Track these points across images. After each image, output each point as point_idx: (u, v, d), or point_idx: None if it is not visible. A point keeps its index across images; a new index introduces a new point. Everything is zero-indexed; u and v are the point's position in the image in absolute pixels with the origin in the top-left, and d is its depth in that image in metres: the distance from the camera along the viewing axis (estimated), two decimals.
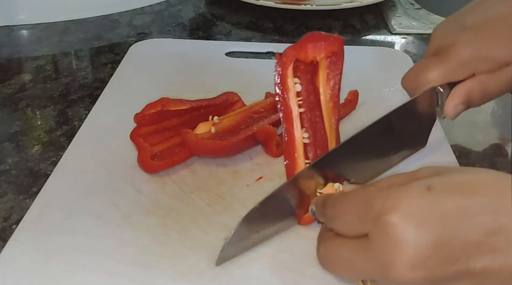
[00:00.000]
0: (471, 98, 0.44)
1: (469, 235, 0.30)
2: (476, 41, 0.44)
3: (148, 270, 0.37)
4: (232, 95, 0.52)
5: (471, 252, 0.30)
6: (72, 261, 0.37)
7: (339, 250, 0.33)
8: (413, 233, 0.30)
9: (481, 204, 0.31)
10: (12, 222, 0.42)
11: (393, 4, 0.86)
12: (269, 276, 0.37)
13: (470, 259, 0.30)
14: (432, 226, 0.30)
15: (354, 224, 0.33)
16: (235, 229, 0.37)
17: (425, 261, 0.30)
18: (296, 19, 0.81)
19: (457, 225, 0.30)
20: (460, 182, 0.32)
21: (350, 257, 0.33)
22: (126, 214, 0.41)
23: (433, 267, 0.30)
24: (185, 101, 0.48)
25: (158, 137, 0.47)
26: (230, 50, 0.68)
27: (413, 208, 0.31)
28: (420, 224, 0.30)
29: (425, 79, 0.44)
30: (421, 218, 0.30)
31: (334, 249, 0.34)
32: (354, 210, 0.33)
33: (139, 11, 0.83)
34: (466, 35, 0.44)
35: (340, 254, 0.33)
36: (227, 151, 0.47)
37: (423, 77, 0.44)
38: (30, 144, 0.52)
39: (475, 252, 0.30)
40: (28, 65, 0.67)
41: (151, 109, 0.46)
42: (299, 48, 0.43)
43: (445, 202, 0.31)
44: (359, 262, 0.32)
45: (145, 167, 0.45)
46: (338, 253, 0.33)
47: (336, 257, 0.34)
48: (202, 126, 0.46)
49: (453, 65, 0.44)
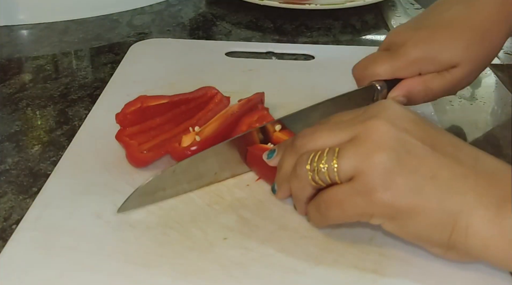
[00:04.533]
0: (412, 94, 0.48)
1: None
2: (426, 42, 0.46)
3: (148, 270, 0.37)
4: (210, 89, 0.52)
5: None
6: (72, 260, 0.37)
7: (329, 197, 0.36)
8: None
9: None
10: (12, 222, 0.42)
11: (393, 4, 0.86)
12: (269, 276, 0.37)
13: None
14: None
15: (336, 132, 0.36)
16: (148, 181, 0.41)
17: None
18: (296, 19, 0.81)
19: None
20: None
21: (341, 198, 0.35)
22: (126, 214, 0.41)
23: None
24: (164, 96, 0.49)
25: (143, 136, 0.48)
26: (230, 50, 0.68)
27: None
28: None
29: (373, 71, 0.48)
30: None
31: (326, 198, 0.36)
32: (331, 124, 0.37)
33: (139, 11, 0.83)
34: (417, 36, 0.47)
35: (331, 200, 0.35)
36: None
37: (371, 70, 0.48)
38: (30, 144, 0.52)
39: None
40: (28, 65, 0.67)
41: (131, 107, 0.47)
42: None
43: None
44: (350, 196, 0.34)
45: (135, 160, 0.46)
46: (329, 199, 0.36)
47: (328, 204, 0.36)
48: (186, 138, 0.47)
49: (401, 63, 0.47)
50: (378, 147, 0.34)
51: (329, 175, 0.35)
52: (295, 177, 0.37)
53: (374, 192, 0.33)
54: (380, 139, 0.34)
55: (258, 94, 0.52)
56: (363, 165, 0.34)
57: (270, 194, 0.43)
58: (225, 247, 0.39)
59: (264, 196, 0.43)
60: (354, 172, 0.34)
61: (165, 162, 0.47)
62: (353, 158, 0.34)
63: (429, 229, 0.34)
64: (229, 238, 0.40)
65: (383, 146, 0.34)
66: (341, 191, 0.35)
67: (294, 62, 0.67)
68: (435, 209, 0.33)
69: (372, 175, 0.33)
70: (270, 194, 0.43)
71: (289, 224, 0.41)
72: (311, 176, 0.36)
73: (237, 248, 0.39)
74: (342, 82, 0.61)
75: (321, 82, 0.61)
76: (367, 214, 0.35)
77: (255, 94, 0.52)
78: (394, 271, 0.37)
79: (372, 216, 0.35)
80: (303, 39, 0.75)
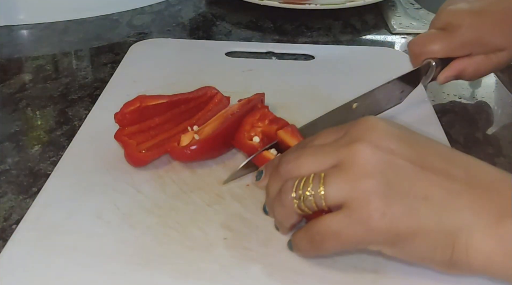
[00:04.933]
0: (463, 73, 0.54)
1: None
2: (480, 27, 0.51)
3: (148, 270, 0.37)
4: (210, 89, 0.52)
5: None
6: (72, 261, 0.37)
7: (323, 228, 0.34)
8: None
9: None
10: (12, 222, 0.42)
11: (393, 4, 0.86)
12: (269, 276, 0.37)
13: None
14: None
15: (320, 157, 0.35)
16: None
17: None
18: (296, 19, 0.81)
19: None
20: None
21: (337, 228, 0.33)
22: (126, 214, 0.41)
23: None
24: (163, 96, 0.49)
25: (142, 136, 0.48)
26: (230, 50, 0.68)
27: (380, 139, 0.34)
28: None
29: (430, 49, 0.52)
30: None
31: (319, 229, 0.34)
32: (315, 148, 0.36)
33: (139, 11, 0.83)
34: (473, 19, 0.51)
35: (326, 232, 0.34)
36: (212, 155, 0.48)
37: (430, 47, 0.52)
38: (30, 144, 0.52)
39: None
40: (28, 65, 0.67)
41: (129, 107, 0.47)
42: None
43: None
44: (346, 225, 0.33)
45: (133, 160, 0.46)
46: (324, 231, 0.34)
47: (323, 236, 0.34)
48: (185, 137, 0.47)
49: (456, 44, 0.52)
50: (366, 173, 0.33)
51: (316, 202, 0.34)
52: (280, 204, 0.36)
53: (370, 220, 0.32)
54: (366, 164, 0.33)
55: (258, 95, 0.52)
56: (353, 192, 0.32)
57: None
58: (225, 247, 0.39)
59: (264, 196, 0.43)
60: (343, 199, 0.33)
61: (164, 162, 0.47)
62: (340, 184, 0.33)
63: (430, 251, 0.33)
64: (229, 238, 0.40)
65: (370, 171, 0.32)
66: (335, 221, 0.33)
67: (294, 62, 0.67)
68: (432, 230, 0.32)
69: (365, 201, 0.32)
70: None
71: None
72: (297, 204, 0.34)
73: (237, 248, 0.39)
74: (342, 82, 0.61)
75: (321, 82, 0.61)
76: (365, 242, 0.34)
77: (255, 95, 0.52)
78: (394, 271, 0.37)
79: (370, 243, 0.34)
80: (303, 39, 0.75)
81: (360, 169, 0.33)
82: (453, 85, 0.62)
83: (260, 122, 0.48)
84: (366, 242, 0.34)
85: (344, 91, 0.59)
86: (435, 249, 0.33)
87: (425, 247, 0.33)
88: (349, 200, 0.33)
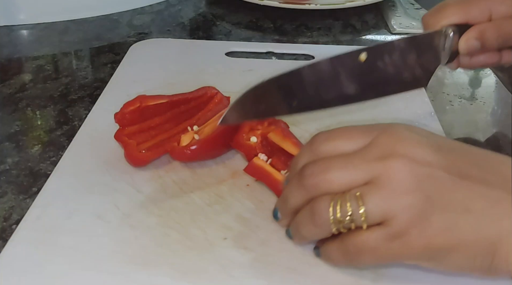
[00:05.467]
0: (485, 36, 0.46)
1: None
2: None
3: (148, 270, 0.37)
4: (210, 89, 0.52)
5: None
6: (72, 261, 0.37)
7: (361, 243, 0.33)
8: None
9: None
10: (12, 222, 0.42)
11: (393, 4, 0.86)
12: (269, 276, 0.37)
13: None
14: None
15: (351, 171, 0.33)
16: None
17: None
18: (296, 19, 0.81)
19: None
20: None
21: (375, 244, 0.33)
22: (126, 214, 0.41)
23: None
24: (163, 96, 0.49)
25: (142, 136, 0.48)
26: (230, 50, 0.68)
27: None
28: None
29: (444, 15, 0.46)
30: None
31: (356, 243, 0.33)
32: (343, 160, 0.34)
33: (139, 11, 0.83)
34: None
35: (363, 247, 0.33)
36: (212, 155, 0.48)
37: (442, 13, 0.46)
38: (30, 144, 0.52)
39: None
40: (28, 65, 0.67)
41: (129, 107, 0.47)
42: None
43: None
44: (384, 242, 0.32)
45: (133, 160, 0.46)
46: (361, 246, 0.33)
47: (360, 250, 0.33)
48: (185, 137, 0.47)
49: (472, 4, 0.46)
50: (404, 190, 0.32)
51: (355, 223, 0.33)
52: (313, 224, 0.34)
53: (409, 236, 0.32)
54: (403, 180, 0.32)
55: None
56: (393, 209, 0.32)
57: (270, 194, 0.43)
58: (225, 247, 0.39)
59: (264, 196, 0.43)
60: (383, 216, 0.32)
61: (164, 161, 0.47)
62: (381, 203, 0.32)
63: (469, 261, 0.32)
64: (229, 238, 0.40)
65: (408, 188, 0.32)
66: (373, 237, 0.33)
67: (294, 62, 0.67)
68: (473, 242, 0.32)
69: (404, 219, 0.32)
70: (270, 194, 0.43)
71: None
72: (335, 227, 0.33)
73: (237, 248, 0.39)
74: None
75: None
76: (403, 257, 0.33)
77: None
78: (394, 271, 0.37)
79: (408, 259, 0.33)
80: (303, 39, 0.75)
81: (397, 186, 0.32)
82: (453, 85, 0.62)
83: (259, 125, 0.48)
84: (404, 258, 0.33)
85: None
86: (474, 259, 0.32)
87: (464, 258, 0.32)
88: (389, 216, 0.32)
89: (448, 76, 0.64)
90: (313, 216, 0.34)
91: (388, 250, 0.32)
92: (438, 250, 0.32)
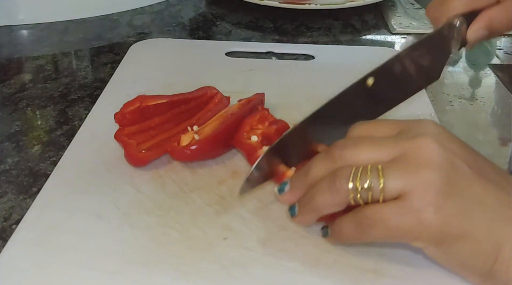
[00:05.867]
0: (494, 23, 0.44)
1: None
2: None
3: (148, 270, 0.37)
4: (210, 89, 0.52)
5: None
6: (72, 260, 0.37)
7: (374, 214, 0.33)
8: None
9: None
10: (12, 222, 0.42)
11: (393, 4, 0.86)
12: (269, 276, 0.37)
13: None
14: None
15: (380, 147, 0.34)
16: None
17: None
18: (296, 19, 0.81)
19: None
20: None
21: (387, 216, 0.33)
22: (126, 214, 0.41)
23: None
24: (163, 96, 0.49)
25: (142, 136, 0.48)
26: (230, 50, 0.68)
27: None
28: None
29: (448, 5, 0.44)
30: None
31: (369, 214, 0.33)
32: (374, 139, 0.35)
33: (139, 11, 0.83)
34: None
35: (376, 218, 0.33)
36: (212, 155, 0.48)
37: (447, 4, 0.44)
38: (30, 144, 0.52)
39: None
40: (28, 65, 0.67)
41: (129, 107, 0.47)
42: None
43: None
44: (397, 214, 0.33)
45: (133, 159, 0.46)
46: (374, 217, 0.33)
47: (372, 221, 0.33)
48: (185, 137, 0.47)
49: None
50: (429, 165, 0.32)
51: (372, 194, 0.33)
52: (331, 191, 0.34)
53: (424, 212, 0.32)
54: (430, 157, 0.32)
55: (258, 95, 0.52)
56: (412, 183, 0.32)
57: (270, 194, 0.43)
58: (225, 247, 0.39)
59: (264, 196, 0.43)
60: (401, 190, 0.32)
61: (164, 162, 0.47)
62: (401, 176, 0.32)
63: (473, 257, 0.33)
64: (229, 238, 0.40)
65: (433, 164, 0.32)
66: (387, 209, 0.33)
67: (294, 62, 0.67)
68: (482, 235, 0.32)
69: (422, 193, 0.32)
70: (270, 194, 0.43)
71: (289, 224, 0.41)
72: (352, 195, 0.34)
73: (237, 248, 0.39)
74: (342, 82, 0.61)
75: (321, 82, 0.61)
76: (413, 235, 0.33)
77: (255, 95, 0.52)
78: (394, 271, 0.37)
79: (417, 238, 0.33)
80: (303, 39, 0.75)
81: (423, 160, 0.32)
82: (453, 85, 0.62)
83: (260, 125, 0.48)
84: (414, 235, 0.33)
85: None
86: (479, 255, 0.32)
87: (470, 252, 0.32)
88: (407, 190, 0.32)
89: (448, 76, 0.64)
90: (333, 182, 0.34)
91: (399, 223, 0.32)
92: (448, 234, 0.32)
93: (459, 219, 0.32)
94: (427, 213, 0.32)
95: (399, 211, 0.32)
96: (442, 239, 0.32)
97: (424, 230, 0.32)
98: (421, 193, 0.32)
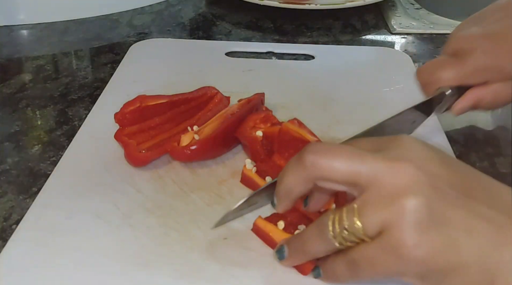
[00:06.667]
0: (480, 103, 0.47)
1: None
2: (495, 51, 0.45)
3: (148, 270, 0.37)
4: (210, 89, 0.52)
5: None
6: (72, 260, 0.37)
7: (359, 255, 0.32)
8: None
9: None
10: (12, 222, 0.42)
11: (393, 4, 0.86)
12: (269, 276, 0.37)
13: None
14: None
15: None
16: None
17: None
18: (296, 19, 0.81)
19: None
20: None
21: (371, 256, 0.31)
22: (126, 214, 0.41)
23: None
24: (163, 96, 0.49)
25: (142, 136, 0.48)
26: (230, 50, 0.68)
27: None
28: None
29: (440, 77, 0.46)
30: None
31: (356, 256, 0.32)
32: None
33: (139, 11, 0.83)
34: (485, 44, 0.45)
35: (361, 259, 0.32)
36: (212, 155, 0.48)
37: (439, 75, 0.46)
38: (30, 144, 0.52)
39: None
40: (28, 65, 0.67)
41: (129, 107, 0.47)
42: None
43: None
44: (380, 254, 0.31)
45: (133, 159, 0.46)
46: (360, 258, 0.32)
47: (359, 263, 0.32)
48: (185, 138, 0.47)
49: (470, 70, 0.46)
50: (407, 193, 0.30)
51: (356, 235, 0.31)
52: (321, 238, 0.33)
53: (404, 248, 0.29)
54: (407, 183, 0.30)
55: (258, 95, 0.52)
56: (390, 217, 0.30)
57: None
58: (225, 247, 0.39)
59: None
60: (381, 226, 0.30)
61: (164, 162, 0.47)
62: (378, 211, 0.30)
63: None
64: (229, 238, 0.40)
65: (411, 191, 0.30)
66: (371, 249, 0.31)
67: (294, 62, 0.67)
68: (473, 267, 0.29)
69: (400, 227, 0.29)
70: None
71: None
72: (337, 240, 0.32)
73: (237, 248, 0.39)
74: (342, 82, 0.61)
75: (321, 82, 0.61)
76: (399, 273, 0.31)
77: (255, 95, 0.52)
78: None
79: (403, 275, 0.31)
80: (303, 39, 0.75)
81: (400, 188, 0.30)
82: None
83: (262, 124, 0.48)
84: (399, 272, 0.31)
85: (344, 91, 0.59)
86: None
87: (463, 284, 0.30)
88: (385, 225, 0.30)
89: None
90: (319, 229, 0.33)
91: (384, 262, 0.31)
92: (434, 270, 0.30)
93: (445, 252, 0.30)
94: (406, 249, 0.30)
95: (380, 249, 0.31)
96: (428, 275, 0.30)
97: (408, 266, 0.30)
98: (399, 226, 0.30)
